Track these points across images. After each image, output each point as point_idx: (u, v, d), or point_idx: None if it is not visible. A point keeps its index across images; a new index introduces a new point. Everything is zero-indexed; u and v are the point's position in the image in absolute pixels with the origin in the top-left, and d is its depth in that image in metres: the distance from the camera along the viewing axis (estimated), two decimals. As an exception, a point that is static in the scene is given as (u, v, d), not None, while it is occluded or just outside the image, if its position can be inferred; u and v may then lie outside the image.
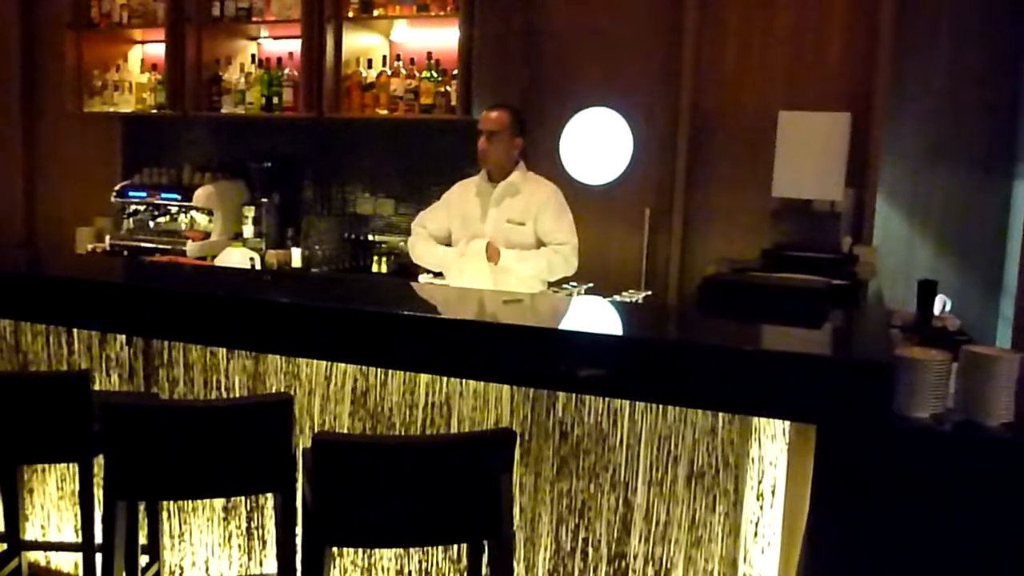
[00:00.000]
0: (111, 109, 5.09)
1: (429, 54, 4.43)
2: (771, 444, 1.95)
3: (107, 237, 5.04)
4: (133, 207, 5.07)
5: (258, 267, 3.22)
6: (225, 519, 2.46)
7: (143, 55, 5.23)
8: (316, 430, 2.35)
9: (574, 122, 4.41)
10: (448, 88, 4.35)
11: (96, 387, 2.59)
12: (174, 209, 5.00)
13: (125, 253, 4.91)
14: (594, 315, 2.33)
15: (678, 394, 1.83)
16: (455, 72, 4.27)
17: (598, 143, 4.38)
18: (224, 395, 2.44)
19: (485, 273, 3.37)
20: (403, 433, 2.24)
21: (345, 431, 2.31)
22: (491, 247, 3.38)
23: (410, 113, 4.43)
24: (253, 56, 4.84)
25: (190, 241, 4.79)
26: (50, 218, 5.68)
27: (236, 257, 3.13)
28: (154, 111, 4.99)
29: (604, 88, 4.35)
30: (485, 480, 1.66)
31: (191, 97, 4.80)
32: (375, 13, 4.48)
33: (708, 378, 1.80)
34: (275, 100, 4.71)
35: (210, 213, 4.89)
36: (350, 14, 4.48)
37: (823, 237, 3.53)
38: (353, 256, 4.88)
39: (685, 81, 4.16)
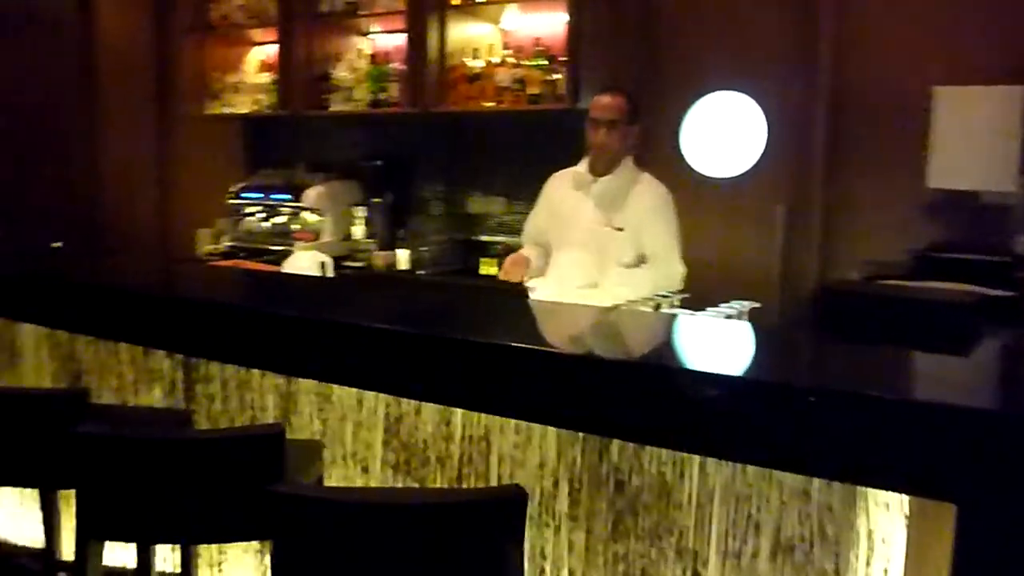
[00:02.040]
0: (228, 111, 5.06)
1: (537, 40, 4.09)
2: (883, 515, 1.48)
3: (222, 238, 5.02)
4: (248, 208, 5.02)
5: (329, 272, 2.99)
6: (261, 551, 2.22)
7: (260, 56, 5.18)
8: (348, 460, 2.06)
9: (697, 108, 3.94)
10: (556, 76, 3.99)
11: (136, 402, 2.43)
12: (286, 210, 4.90)
13: (241, 255, 4.86)
14: (655, 338, 1.91)
15: (731, 448, 1.41)
16: (564, 59, 3.92)
17: (725, 131, 3.90)
18: (257, 415, 2.20)
19: (575, 286, 2.98)
20: (439, 468, 1.91)
21: (378, 462, 2.01)
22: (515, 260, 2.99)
23: (517, 104, 4.10)
24: (361, 52, 4.67)
25: (300, 242, 4.66)
26: (180, 220, 5.75)
27: (305, 261, 2.91)
28: (267, 111, 4.91)
29: (730, 69, 3.85)
30: (486, 553, 1.30)
31: (301, 96, 4.68)
32: (480, 0, 4.19)
33: (781, 431, 1.36)
34: (382, 96, 4.51)
35: (321, 214, 4.76)
36: (455, 2, 4.21)
37: (990, 236, 2.93)
38: (462, 257, 4.61)
39: (822, 54, 3.61)
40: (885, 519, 1.48)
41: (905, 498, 1.45)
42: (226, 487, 1.56)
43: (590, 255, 3.03)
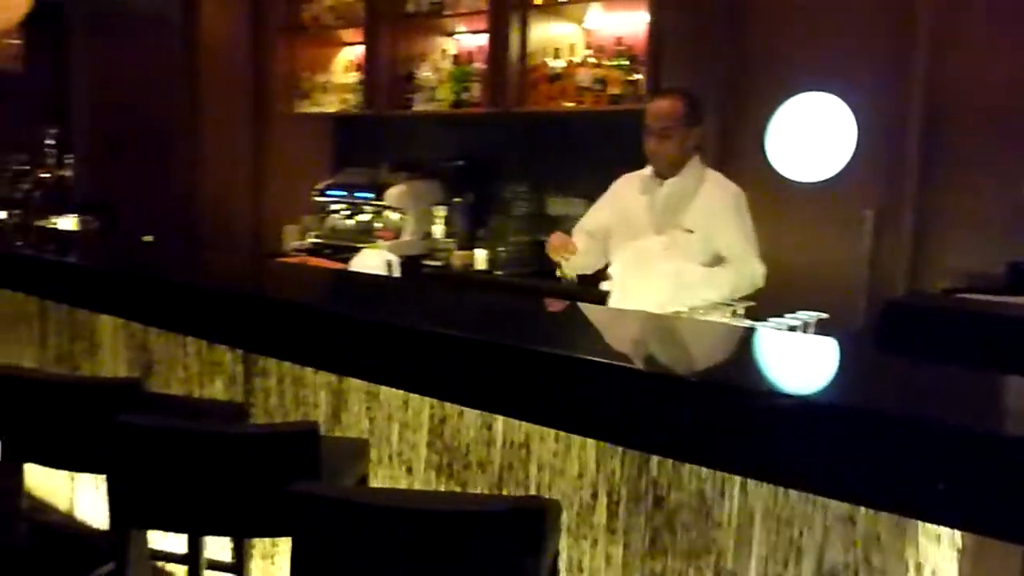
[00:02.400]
0: (317, 110, 5.16)
1: (619, 40, 4.02)
2: (934, 547, 1.37)
3: (308, 235, 5.13)
4: (333, 205, 5.11)
5: (395, 271, 3.00)
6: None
7: (348, 56, 5.26)
8: (393, 460, 2.05)
9: (784, 110, 3.80)
10: (638, 76, 3.92)
11: (199, 393, 2.49)
12: (369, 208, 4.97)
13: (326, 251, 4.96)
14: (704, 351, 1.83)
15: (773, 470, 1.33)
16: (645, 59, 3.84)
17: (812, 133, 3.74)
18: (309, 411, 2.22)
19: (651, 288, 2.90)
20: (480, 473, 1.89)
21: (422, 463, 2.00)
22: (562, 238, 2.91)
23: (597, 104, 4.05)
24: (445, 52, 4.69)
25: (381, 240, 4.73)
26: (271, 215, 5.90)
27: (372, 259, 2.93)
28: (353, 111, 4.99)
29: (819, 69, 3.69)
30: (500, 564, 1.27)
31: (385, 96, 4.74)
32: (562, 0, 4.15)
33: (827, 454, 1.27)
34: (464, 96, 4.52)
35: (402, 212, 4.81)
36: (537, 2, 4.18)
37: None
38: (540, 259, 4.56)
39: (919, 54, 3.42)
40: (936, 552, 1.37)
41: (958, 531, 1.34)
42: (257, 483, 1.57)
43: (659, 257, 2.96)
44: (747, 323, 2.28)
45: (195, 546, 1.98)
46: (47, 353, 3.06)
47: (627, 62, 3.98)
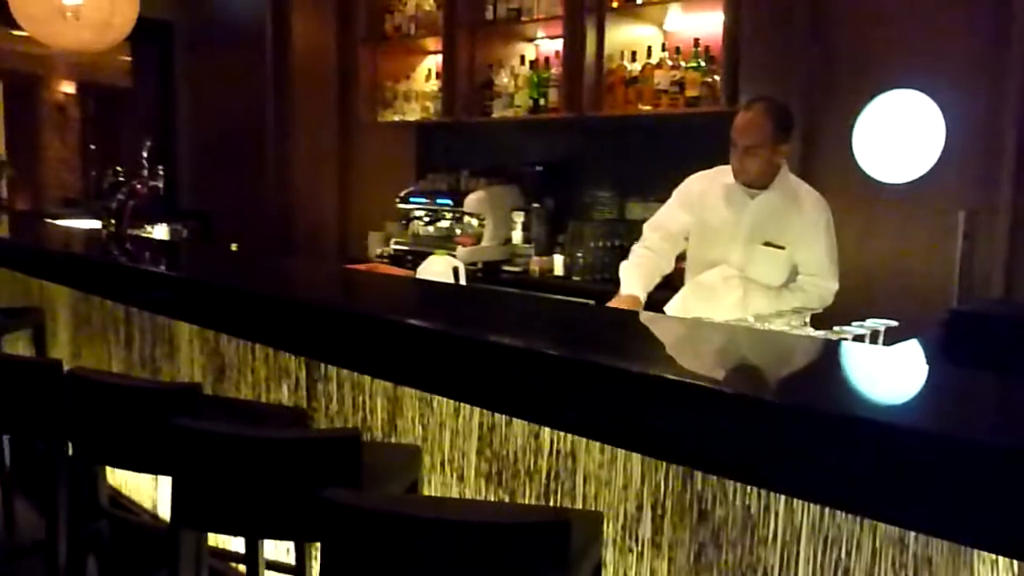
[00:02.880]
0: (399, 118, 5.24)
1: (696, 41, 3.94)
2: (990, 573, 1.28)
3: (391, 241, 5.21)
4: (415, 212, 5.18)
5: (461, 277, 3.00)
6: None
7: (430, 65, 5.33)
8: (445, 467, 2.05)
9: (871, 108, 3.65)
10: (716, 77, 3.83)
11: (267, 397, 2.55)
12: (449, 214, 5.02)
13: (409, 258, 5.02)
14: (758, 362, 1.75)
15: (818, 490, 1.25)
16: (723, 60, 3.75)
17: (902, 132, 3.58)
18: (367, 417, 2.24)
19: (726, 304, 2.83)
20: (528, 482, 1.87)
21: (473, 471, 1.99)
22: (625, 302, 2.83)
23: (674, 107, 3.98)
24: (523, 57, 4.69)
25: (460, 247, 4.76)
26: (358, 223, 6.02)
27: (438, 266, 2.94)
28: (434, 118, 5.05)
29: (906, 66, 3.53)
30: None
31: (464, 103, 4.77)
32: (638, 1, 4.09)
33: (872, 475, 1.20)
34: (541, 102, 4.51)
35: (481, 218, 4.84)
36: (615, 4, 4.14)
37: None
38: (619, 264, 4.51)
39: (1014, 45, 3.23)
40: (993, 579, 1.28)
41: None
42: (297, 488, 1.59)
43: (743, 276, 2.88)
44: (812, 332, 2.18)
45: (252, 547, 2.03)
46: (132, 356, 3.20)
47: (704, 63, 3.89)
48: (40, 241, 3.66)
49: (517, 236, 4.82)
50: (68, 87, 12.87)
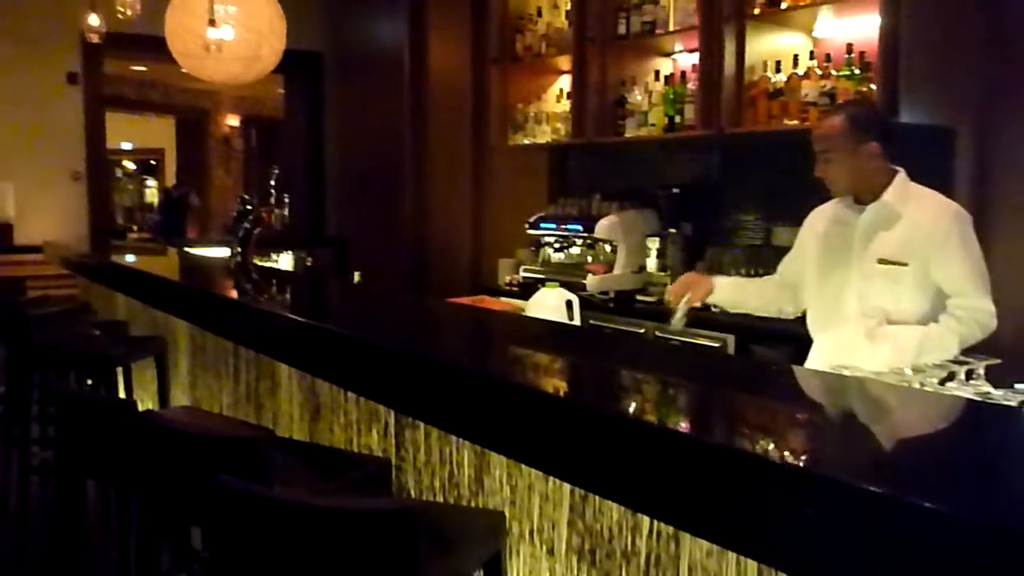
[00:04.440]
0: (530, 141, 5.05)
1: (849, 47, 3.52)
2: None
3: (521, 268, 5.01)
4: (545, 238, 4.95)
5: (575, 312, 2.73)
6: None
7: (561, 85, 5.11)
8: (534, 537, 1.78)
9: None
10: (871, 87, 3.40)
11: (358, 441, 2.36)
12: (579, 241, 4.76)
13: (539, 287, 4.80)
14: (909, 441, 1.38)
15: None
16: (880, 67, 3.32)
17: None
18: (454, 471, 2.01)
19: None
20: (624, 565, 1.57)
21: (563, 545, 1.71)
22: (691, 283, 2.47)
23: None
24: (657, 73, 4.39)
25: (590, 275, 4.50)
26: (492, 249, 5.86)
27: (551, 300, 2.68)
28: (564, 140, 4.82)
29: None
30: None
31: (595, 123, 4.51)
32: (783, 6, 3.71)
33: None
34: (677, 119, 4.19)
35: (613, 245, 4.55)
36: (756, 11, 3.78)
37: None
38: (763, 296, 4.12)
39: None
40: None
41: None
42: (341, 566, 1.37)
43: (864, 302, 2.49)
44: (991, 391, 1.77)
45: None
46: (239, 389, 3.11)
47: (859, 71, 3.47)
48: (159, 273, 3.67)
49: (652, 263, 4.51)
50: (233, 120, 13.54)
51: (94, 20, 4.64)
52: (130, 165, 16.43)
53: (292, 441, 2.22)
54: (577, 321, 2.76)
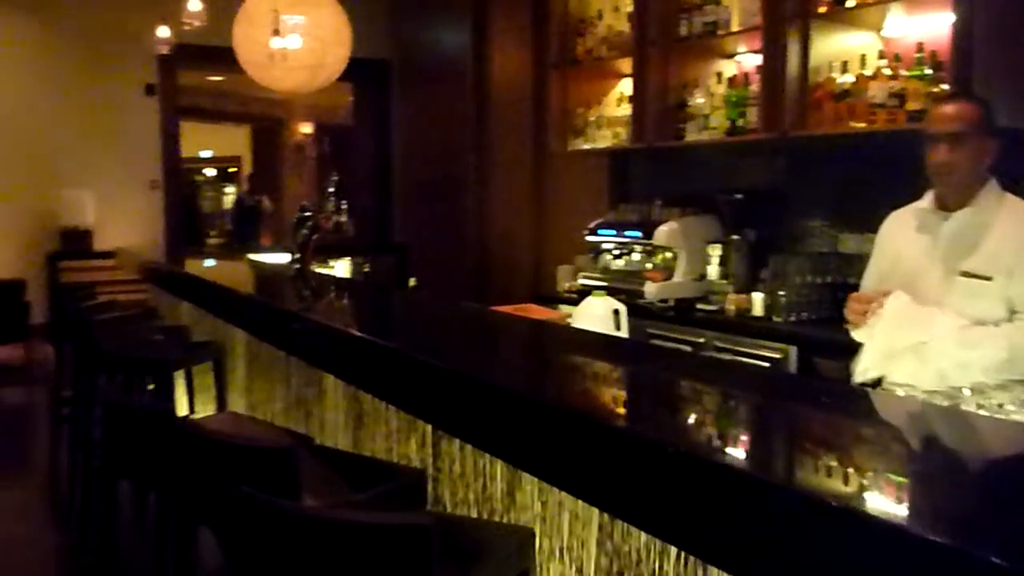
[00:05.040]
0: (589, 146, 4.98)
1: (920, 46, 3.37)
2: None
3: (579, 276, 4.94)
4: (604, 245, 4.88)
5: (622, 322, 2.65)
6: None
7: (622, 89, 5.03)
8: (564, 555, 1.72)
9: None
10: (942, 87, 3.24)
11: (398, 450, 2.34)
12: (639, 247, 4.67)
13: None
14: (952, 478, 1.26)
15: None
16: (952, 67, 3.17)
17: None
18: (487, 483, 1.96)
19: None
20: (654, 589, 1.50)
21: (592, 565, 1.65)
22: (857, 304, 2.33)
23: (892, 123, 3.41)
24: (719, 75, 4.28)
25: (649, 282, 4.41)
26: (552, 256, 5.81)
27: (597, 309, 2.61)
28: (624, 145, 4.74)
29: None
30: None
31: (655, 127, 4.43)
32: (850, 4, 3.57)
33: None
34: (739, 122, 4.07)
35: (673, 252, 4.45)
36: (822, 10, 3.65)
37: None
38: (829, 304, 3.96)
39: None
40: None
41: None
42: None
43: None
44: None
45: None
46: (290, 395, 3.13)
47: (931, 71, 3.31)
48: (214, 280, 3.71)
49: (713, 271, 4.39)
50: (306, 128, 13.79)
51: (163, 32, 4.75)
52: (211, 172, 16.88)
53: (330, 450, 2.20)
54: (624, 331, 2.68)
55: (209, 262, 5.60)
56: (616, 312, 2.62)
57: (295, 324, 2.42)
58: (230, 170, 16.48)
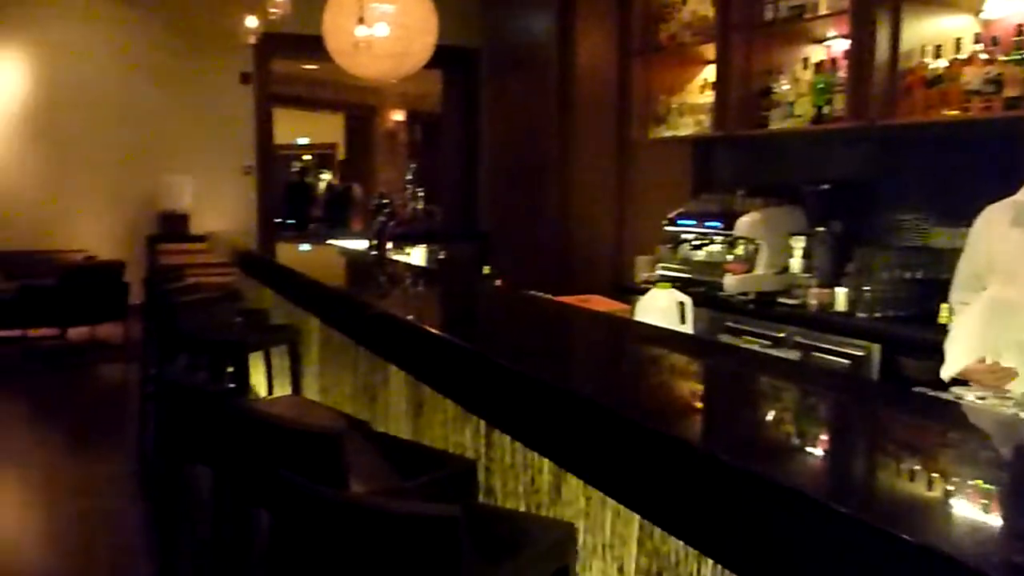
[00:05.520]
0: (671, 134, 4.88)
1: (1020, 28, 3.17)
2: None
3: (658, 266, 4.85)
4: (684, 235, 4.78)
5: (688, 316, 2.58)
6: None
7: (706, 75, 4.91)
8: (605, 552, 1.69)
9: None
10: (1044, 71, 3.05)
11: (454, 439, 2.34)
12: (719, 238, 4.56)
13: (677, 285, 4.64)
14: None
15: None
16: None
17: None
18: (535, 476, 1.94)
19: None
20: (694, 593, 1.46)
21: (633, 564, 1.61)
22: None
23: (987, 111, 3.23)
24: (806, 61, 4.12)
25: (728, 274, 4.30)
26: (633, 245, 5.74)
27: (661, 301, 2.55)
28: (706, 132, 4.62)
29: None
30: None
31: (737, 114, 4.30)
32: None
33: None
34: (826, 110, 3.92)
35: (754, 243, 4.33)
36: (914, -9, 3.47)
37: None
38: (918, 300, 3.78)
39: None
40: None
41: None
42: (384, 565, 1.34)
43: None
44: None
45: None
46: (357, 380, 3.17)
47: (1031, 55, 3.12)
48: (286, 265, 3.79)
49: (796, 264, 4.24)
50: (398, 115, 13.98)
51: (251, 22, 4.88)
52: (309, 158, 17.29)
53: (385, 436, 2.22)
54: (689, 326, 2.61)
55: (304, 246, 5.74)
56: (681, 305, 2.55)
57: (355, 312, 2.45)
58: (326, 156, 16.85)
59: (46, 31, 7.69)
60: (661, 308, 2.53)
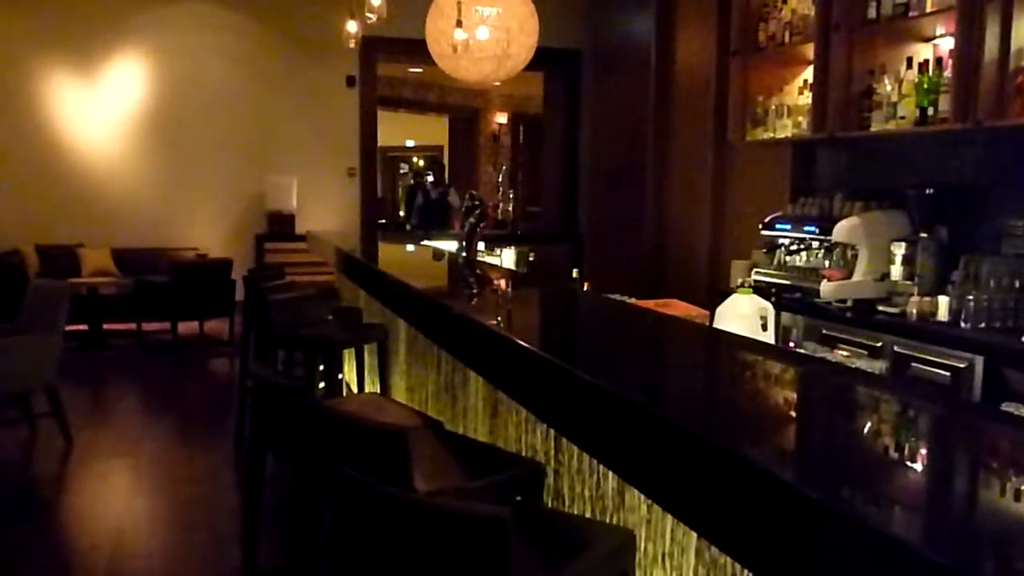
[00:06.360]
0: (768, 136, 4.77)
1: None
2: None
3: (754, 271, 4.75)
4: (781, 240, 4.66)
5: (769, 324, 2.50)
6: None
7: (806, 76, 4.77)
8: (665, 561, 1.67)
9: None
10: None
11: (526, 440, 2.35)
12: (816, 243, 4.42)
13: (772, 290, 4.53)
14: None
15: None
16: None
17: None
18: (600, 480, 1.93)
19: None
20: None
21: (691, 573, 1.59)
22: None
23: (1104, 112, 3.03)
24: (910, 60, 3.95)
25: (826, 280, 4.17)
26: (730, 249, 5.63)
27: (743, 308, 2.48)
28: (805, 135, 4.49)
29: None
30: None
31: (837, 115, 4.17)
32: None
33: None
34: (931, 111, 3.76)
35: (854, 249, 4.19)
36: (1028, -15, 3.29)
37: None
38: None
39: None
40: None
41: None
42: (433, 563, 1.37)
43: None
44: None
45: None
46: (440, 380, 3.22)
47: None
48: (373, 266, 3.87)
49: (896, 271, 4.08)
50: (501, 117, 14.09)
51: (351, 27, 5.01)
52: (417, 161, 17.59)
53: (458, 436, 2.25)
54: (771, 335, 2.54)
55: (409, 247, 5.86)
56: (763, 313, 2.49)
57: (434, 314, 2.49)
58: (433, 158, 17.09)
59: (165, 37, 8.10)
60: (742, 315, 2.48)
